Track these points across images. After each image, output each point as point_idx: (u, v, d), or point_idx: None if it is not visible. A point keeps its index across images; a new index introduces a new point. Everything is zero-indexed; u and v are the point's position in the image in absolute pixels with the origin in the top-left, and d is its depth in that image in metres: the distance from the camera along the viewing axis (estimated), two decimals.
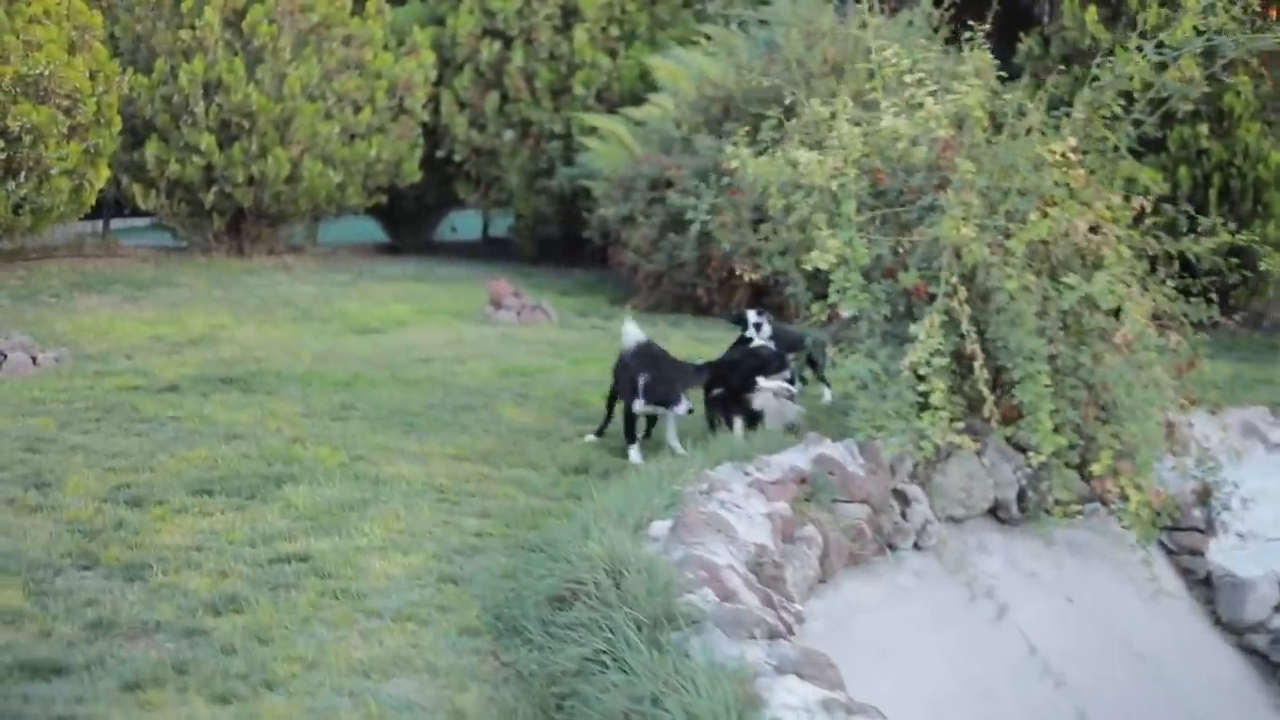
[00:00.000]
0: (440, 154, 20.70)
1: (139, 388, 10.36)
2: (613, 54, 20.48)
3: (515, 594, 6.05)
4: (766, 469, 7.20)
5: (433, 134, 20.52)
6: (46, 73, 14.11)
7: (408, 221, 22.30)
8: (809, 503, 7.16)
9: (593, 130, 19.01)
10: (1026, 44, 16.92)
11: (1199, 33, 8.96)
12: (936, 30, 16.82)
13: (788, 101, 10.17)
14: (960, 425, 7.92)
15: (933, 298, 8.21)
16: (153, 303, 14.51)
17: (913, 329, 7.96)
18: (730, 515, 6.37)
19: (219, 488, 7.68)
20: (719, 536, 6.00)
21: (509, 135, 20.50)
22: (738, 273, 15.80)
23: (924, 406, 7.85)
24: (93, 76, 15.00)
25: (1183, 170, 15.31)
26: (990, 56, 9.14)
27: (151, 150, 17.51)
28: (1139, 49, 9.04)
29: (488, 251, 22.82)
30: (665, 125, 16.99)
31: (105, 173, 15.37)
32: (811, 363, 10.61)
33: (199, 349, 12.22)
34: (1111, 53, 9.02)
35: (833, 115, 9.14)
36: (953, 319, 7.99)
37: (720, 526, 6.11)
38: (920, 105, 8.83)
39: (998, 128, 8.88)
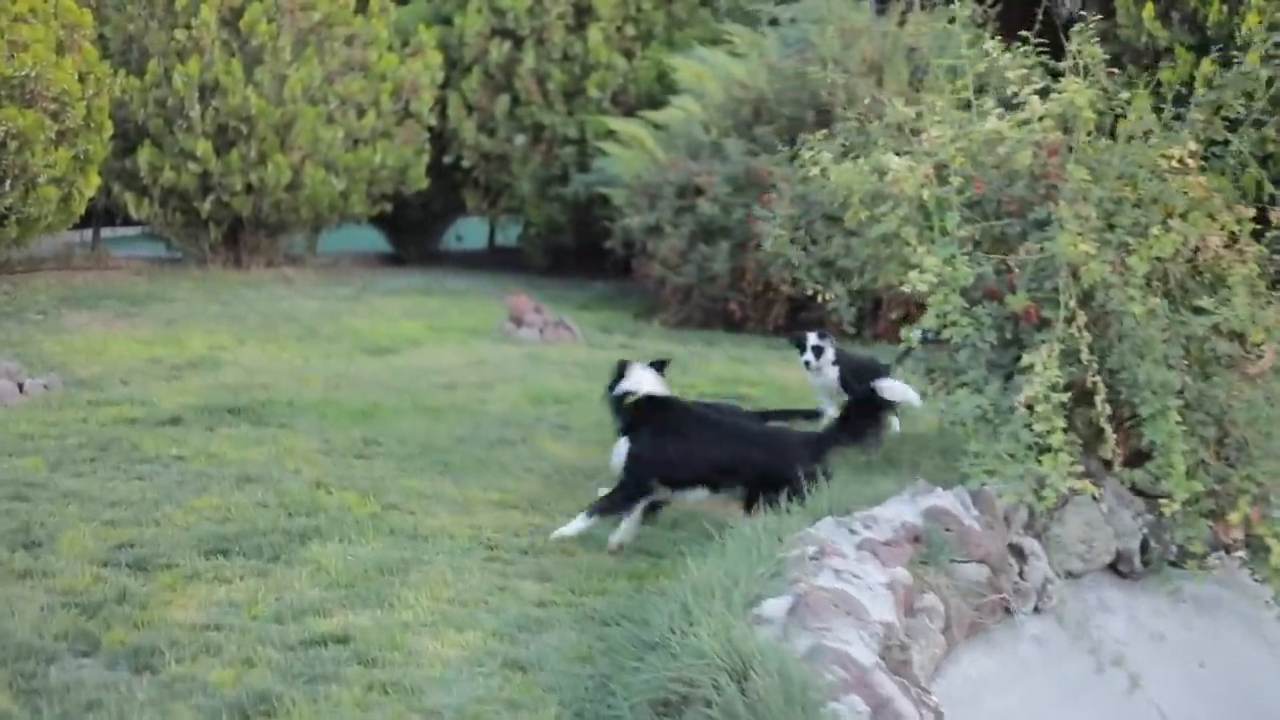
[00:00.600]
0: (447, 160, 19.67)
1: (137, 420, 9.34)
2: (629, 55, 19.47)
3: (599, 688, 5.04)
4: (875, 525, 6.19)
5: (439, 139, 19.49)
6: (33, 74, 13.14)
7: (412, 230, 21.27)
8: (926, 565, 6.15)
9: (610, 134, 18.02)
10: (1076, 42, 15.91)
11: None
12: (982, 27, 15.97)
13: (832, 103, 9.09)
14: (1079, 468, 6.92)
15: (1044, 323, 7.22)
16: (147, 320, 13.47)
17: (1026, 358, 6.98)
18: (850, 588, 5.36)
19: (235, 546, 6.67)
20: (847, 619, 5.00)
21: (520, 140, 19.47)
22: (775, 286, 15.05)
23: (1043, 448, 6.85)
24: (82, 79, 14.04)
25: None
26: (1098, 50, 8.13)
27: (144, 157, 16.47)
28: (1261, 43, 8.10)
29: (495, 262, 21.79)
30: (692, 129, 15.99)
31: (95, 180, 14.41)
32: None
33: (200, 373, 11.20)
34: (1232, 43, 7.99)
35: (918, 116, 8.15)
36: (1069, 348, 7.01)
37: (846, 605, 5.11)
38: (1008, 108, 7.84)
39: (1107, 131, 7.92)
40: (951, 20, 15.41)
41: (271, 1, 16.80)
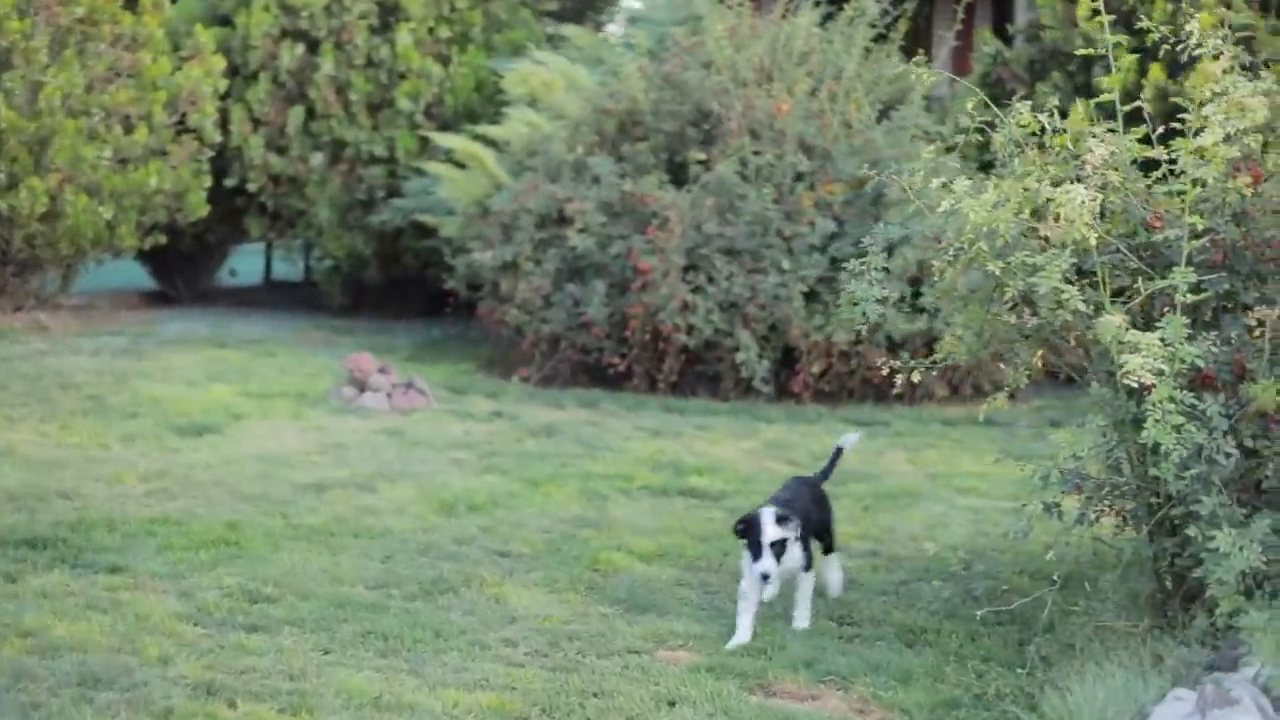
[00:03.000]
0: (229, 183, 16.69)
1: None
2: (444, 60, 16.78)
3: None
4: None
5: (220, 158, 16.52)
6: None
7: (182, 264, 18.19)
8: None
9: (423, 152, 15.42)
10: (991, 45, 13.90)
11: None
12: (888, 31, 13.81)
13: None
14: None
15: None
16: None
17: None
18: None
19: None
20: None
21: (317, 159, 16.60)
22: (667, 335, 12.59)
23: None
24: None
25: None
26: None
27: None
28: None
29: (276, 299, 18.85)
30: (550, 146, 13.41)
31: None
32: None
33: None
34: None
35: (1060, 132, 5.82)
36: None
37: None
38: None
39: None
40: (851, 21, 13.39)
41: None
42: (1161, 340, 5.04)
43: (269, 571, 6.63)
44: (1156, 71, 11.87)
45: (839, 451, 6.93)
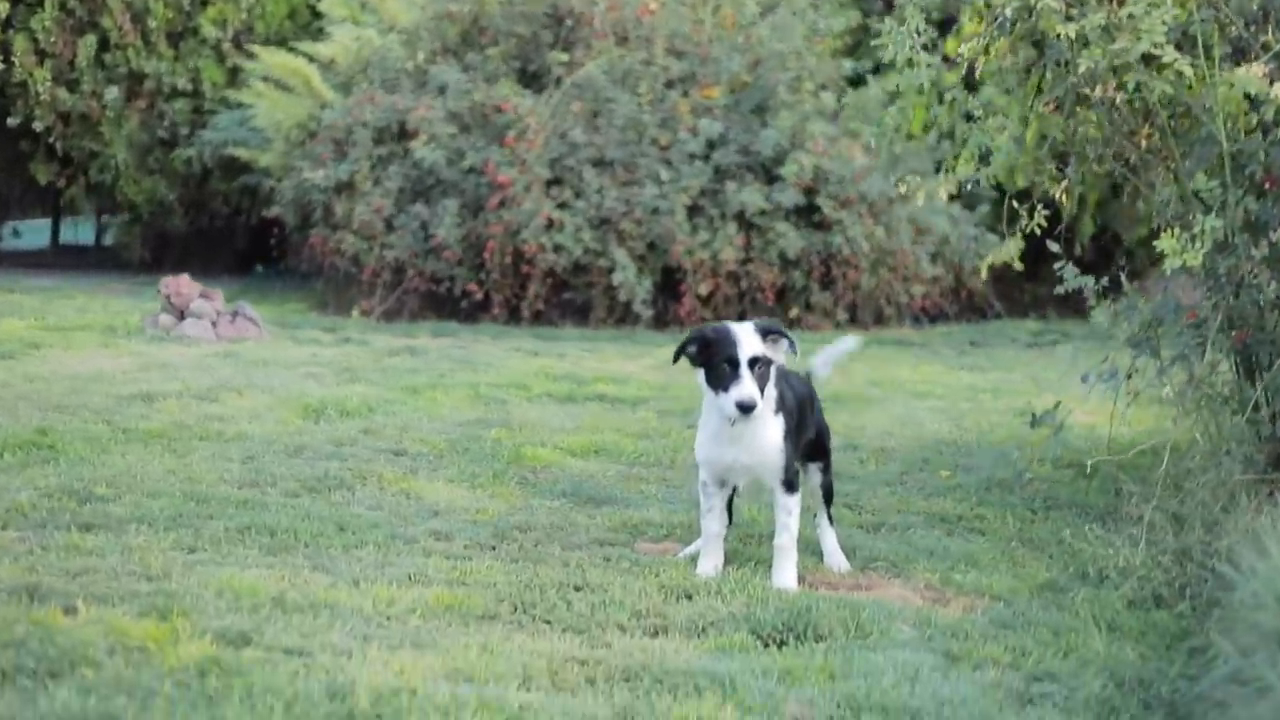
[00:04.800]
0: (13, 122, 14.79)
1: None
2: None
3: None
4: None
5: (1, 95, 14.64)
6: None
7: None
8: None
9: (235, 82, 13.79)
10: None
11: None
12: None
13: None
14: None
15: None
16: None
17: None
18: None
19: None
20: None
21: (112, 94, 14.77)
22: (530, 257, 10.99)
23: None
24: None
25: None
26: None
27: None
28: None
29: (67, 262, 16.93)
30: (385, 57, 11.86)
31: None
32: None
33: None
34: None
35: None
36: None
37: None
38: None
39: None
40: None
41: None
42: None
43: (98, 473, 5.03)
44: None
45: (839, 352, 4.96)
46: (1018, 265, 7.87)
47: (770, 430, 4.12)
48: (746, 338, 4.03)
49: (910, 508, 5.12)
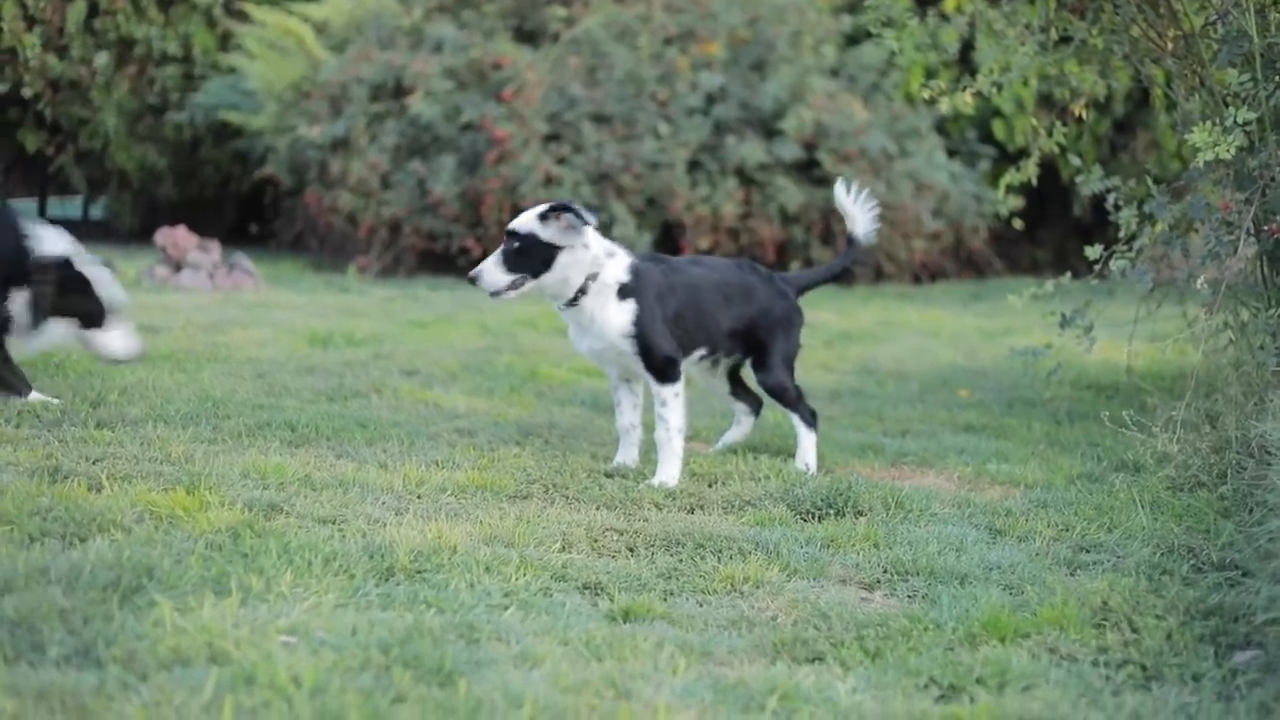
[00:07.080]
0: (1, 88, 14.65)
1: None
2: None
3: None
4: None
5: None
6: None
7: None
8: None
9: (226, 47, 13.67)
10: None
11: None
12: None
13: None
14: None
15: None
16: None
17: None
18: None
19: None
20: None
21: (102, 60, 14.61)
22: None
23: None
24: None
25: None
26: None
27: None
28: None
29: None
30: (379, 15, 11.76)
31: None
32: None
33: None
34: None
35: None
36: None
37: None
38: None
39: None
40: None
41: None
42: None
43: (108, 384, 4.94)
44: None
45: (846, 202, 4.61)
46: (1018, 224, 7.86)
47: (613, 315, 4.00)
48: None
49: (934, 418, 5.07)
